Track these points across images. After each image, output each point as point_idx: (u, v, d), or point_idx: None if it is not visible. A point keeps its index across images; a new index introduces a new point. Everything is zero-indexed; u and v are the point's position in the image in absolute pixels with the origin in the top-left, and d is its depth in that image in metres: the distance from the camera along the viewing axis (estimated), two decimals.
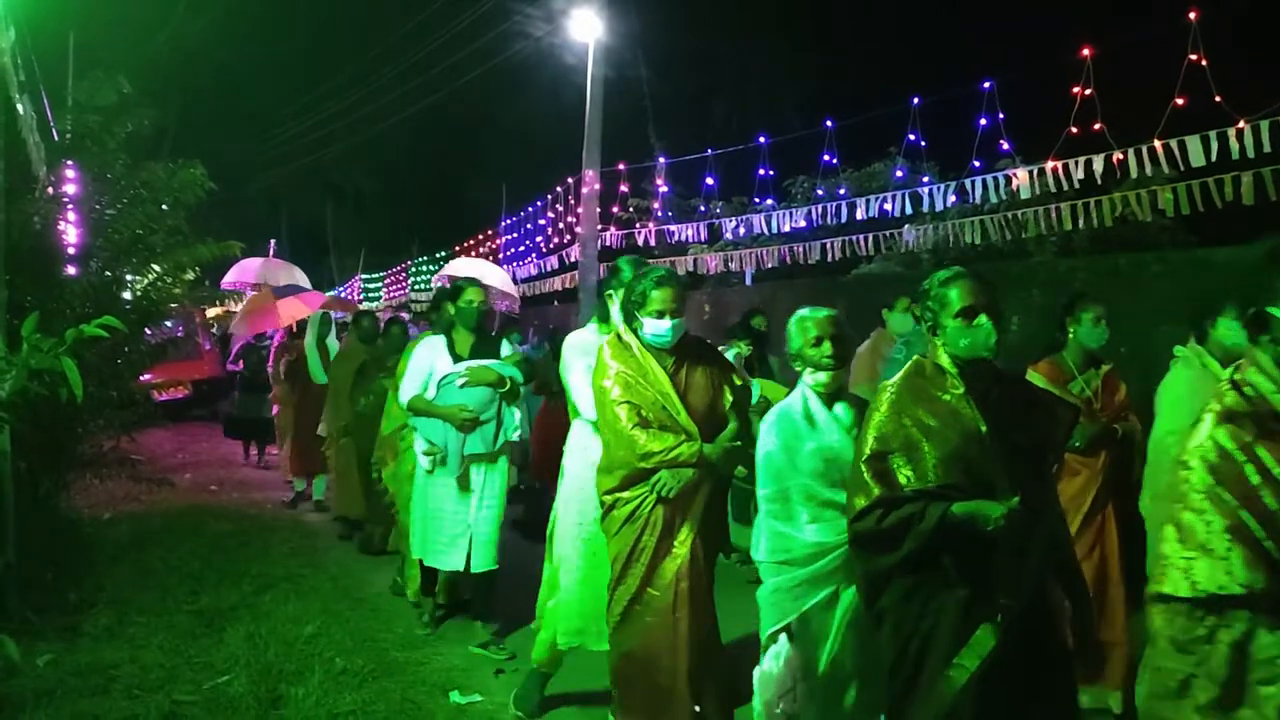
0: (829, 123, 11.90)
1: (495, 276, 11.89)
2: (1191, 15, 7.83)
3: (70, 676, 4.62)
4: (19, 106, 6.25)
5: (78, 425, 6.62)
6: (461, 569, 5.30)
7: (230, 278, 13.58)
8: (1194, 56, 7.81)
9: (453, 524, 5.28)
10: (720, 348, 6.29)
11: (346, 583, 6.58)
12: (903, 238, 11.61)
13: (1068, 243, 11.43)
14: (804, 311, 3.44)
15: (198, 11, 22.88)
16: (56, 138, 7.19)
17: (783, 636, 3.31)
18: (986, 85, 9.68)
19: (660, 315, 3.76)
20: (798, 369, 3.43)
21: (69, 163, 6.77)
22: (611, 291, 4.26)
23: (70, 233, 6.77)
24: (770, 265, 13.46)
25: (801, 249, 12.58)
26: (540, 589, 4.50)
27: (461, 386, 5.17)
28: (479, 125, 28.02)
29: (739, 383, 4.00)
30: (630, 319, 3.85)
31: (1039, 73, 9.37)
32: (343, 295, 26.78)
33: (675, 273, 3.99)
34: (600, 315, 4.39)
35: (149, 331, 7.64)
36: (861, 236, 11.84)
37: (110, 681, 4.59)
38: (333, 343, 9.33)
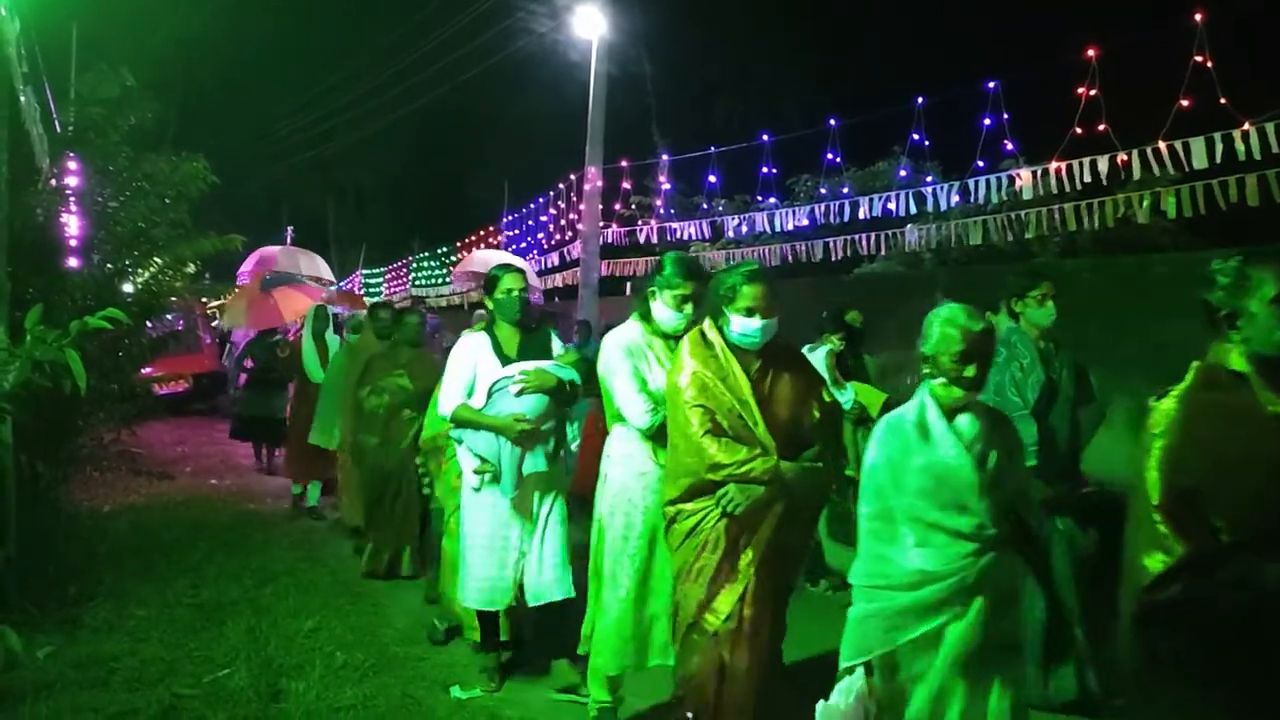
0: (832, 121, 11.90)
1: (520, 267, 11.89)
2: (1197, 17, 7.82)
3: (70, 669, 4.61)
4: (22, 98, 6.25)
5: (79, 418, 6.62)
6: (510, 604, 4.57)
7: (248, 266, 13.51)
8: (1199, 58, 7.80)
9: (503, 553, 4.49)
10: (806, 347, 6.01)
11: (347, 577, 6.57)
12: (905, 237, 11.60)
13: (1071, 244, 11.43)
14: (956, 315, 2.98)
15: (201, 5, 22.86)
16: (59, 130, 7.18)
17: (859, 670, 3.00)
18: (991, 85, 9.69)
19: (750, 313, 3.47)
20: (926, 371, 3.05)
21: (72, 155, 6.77)
22: (654, 288, 3.98)
23: (73, 225, 6.76)
24: (773, 264, 13.44)
25: (804, 248, 12.58)
26: (587, 611, 4.16)
27: (518, 394, 4.39)
28: (481, 121, 27.99)
29: (828, 399, 3.70)
30: (716, 315, 3.56)
31: (1043, 73, 9.37)
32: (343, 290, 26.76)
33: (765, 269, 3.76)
34: (641, 313, 4.06)
35: (150, 325, 7.63)
36: (864, 236, 11.84)
37: (110, 674, 4.58)
38: (331, 338, 8.92)
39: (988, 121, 9.82)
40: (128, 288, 7.31)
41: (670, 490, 3.57)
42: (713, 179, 13.85)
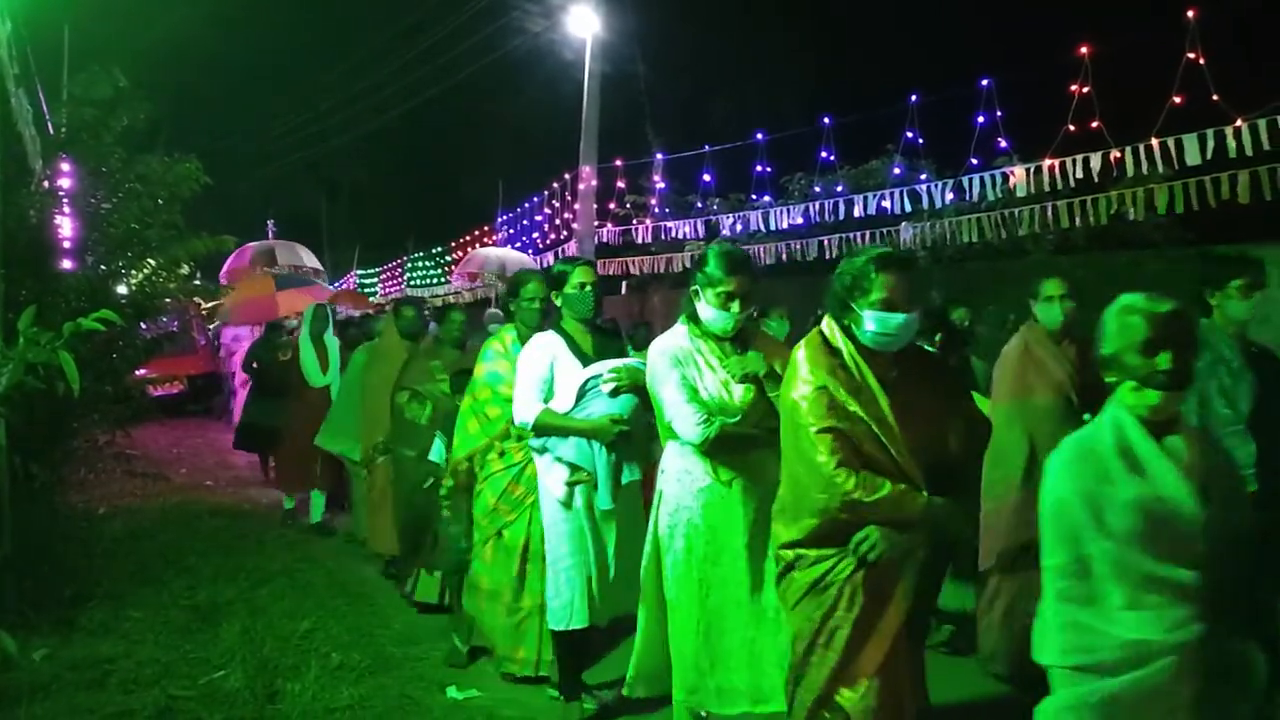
0: (826, 120, 11.91)
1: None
2: (1190, 14, 7.84)
3: (66, 670, 4.61)
4: (14, 100, 6.23)
5: (73, 420, 6.60)
6: (593, 623, 4.23)
7: (229, 265, 13.48)
8: (1192, 55, 7.82)
9: (596, 569, 4.18)
10: None
11: (343, 578, 6.57)
12: (900, 235, 11.61)
13: (1064, 240, 11.45)
14: (1134, 301, 2.47)
15: (194, 5, 22.82)
16: (52, 131, 7.16)
17: None
18: (984, 83, 9.70)
19: (889, 306, 2.89)
20: (1111, 380, 2.50)
21: (64, 156, 6.75)
22: (697, 287, 3.59)
23: (66, 226, 6.74)
24: (767, 262, 13.45)
25: (799, 246, 12.59)
26: (635, 649, 3.80)
27: (611, 394, 4.05)
28: (475, 121, 28.01)
29: (976, 413, 3.14)
30: (842, 312, 2.99)
31: (1036, 71, 9.39)
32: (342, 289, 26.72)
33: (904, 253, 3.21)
34: (688, 314, 3.66)
35: (144, 326, 7.61)
36: (859, 234, 11.85)
37: (106, 676, 4.58)
38: (331, 340, 8.47)
39: (981, 119, 9.84)
40: (121, 289, 7.28)
41: (788, 531, 2.98)
42: (707, 178, 13.85)
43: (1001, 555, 4.51)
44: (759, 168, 13.01)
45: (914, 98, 10.59)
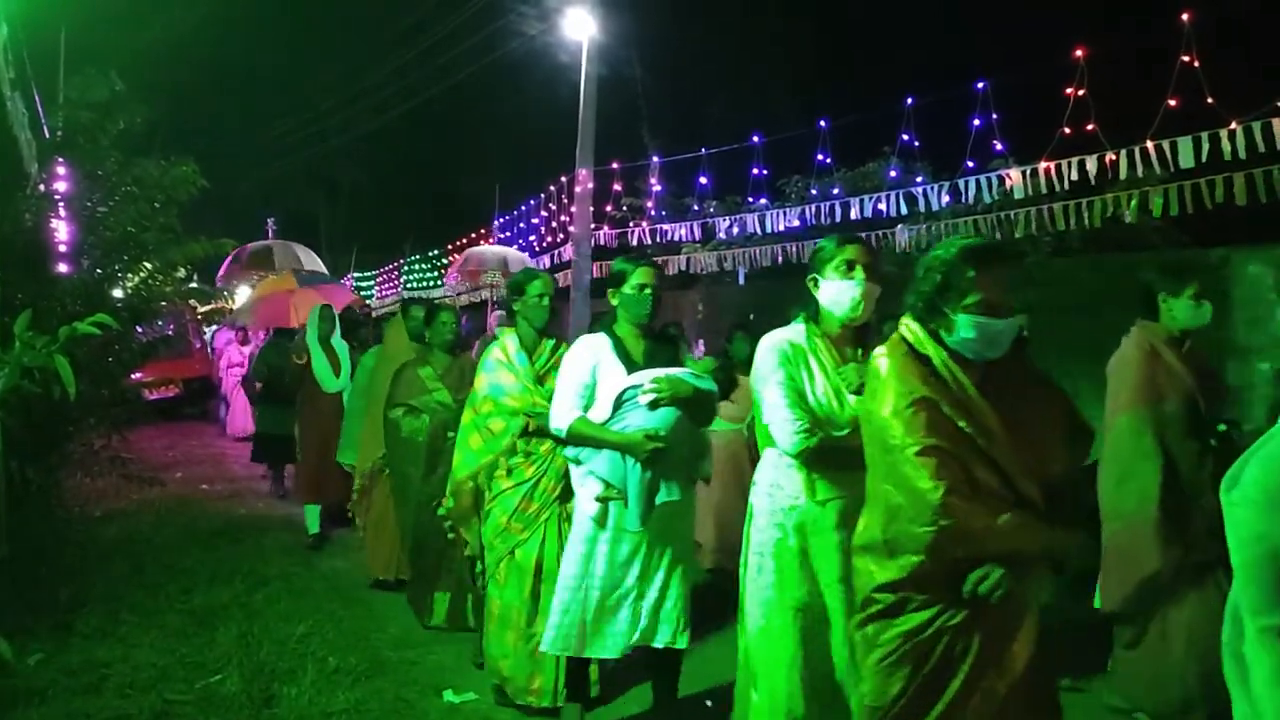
0: (823, 122, 11.91)
1: (527, 266, 11.74)
2: (1185, 16, 7.86)
3: (62, 675, 4.60)
4: (10, 103, 6.23)
5: (68, 424, 6.59)
6: (622, 654, 3.92)
7: (224, 270, 13.41)
8: (1187, 58, 7.83)
9: (617, 593, 3.84)
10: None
11: (339, 581, 6.57)
12: (896, 238, 11.61)
13: (1061, 243, 11.46)
14: None
15: (191, 7, 22.81)
16: (48, 135, 7.15)
17: None
18: (980, 86, 9.71)
19: (990, 310, 2.53)
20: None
21: (60, 160, 6.74)
22: (814, 274, 3.28)
23: (62, 230, 6.74)
24: (764, 265, 13.45)
25: (795, 248, 12.58)
26: (737, 676, 3.46)
27: (650, 406, 3.72)
28: (472, 123, 27.99)
29: (1080, 420, 2.79)
30: (931, 314, 2.63)
31: (1032, 74, 9.40)
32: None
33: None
34: (807, 313, 3.33)
35: (140, 329, 7.61)
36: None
37: (102, 680, 4.58)
38: (339, 343, 7.99)
39: (977, 122, 9.84)
40: (117, 292, 7.27)
41: (883, 570, 2.54)
42: (704, 180, 13.85)
43: (1147, 585, 3.93)
44: (755, 170, 13.00)
45: (910, 100, 10.61)
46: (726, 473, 6.23)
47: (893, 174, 12.04)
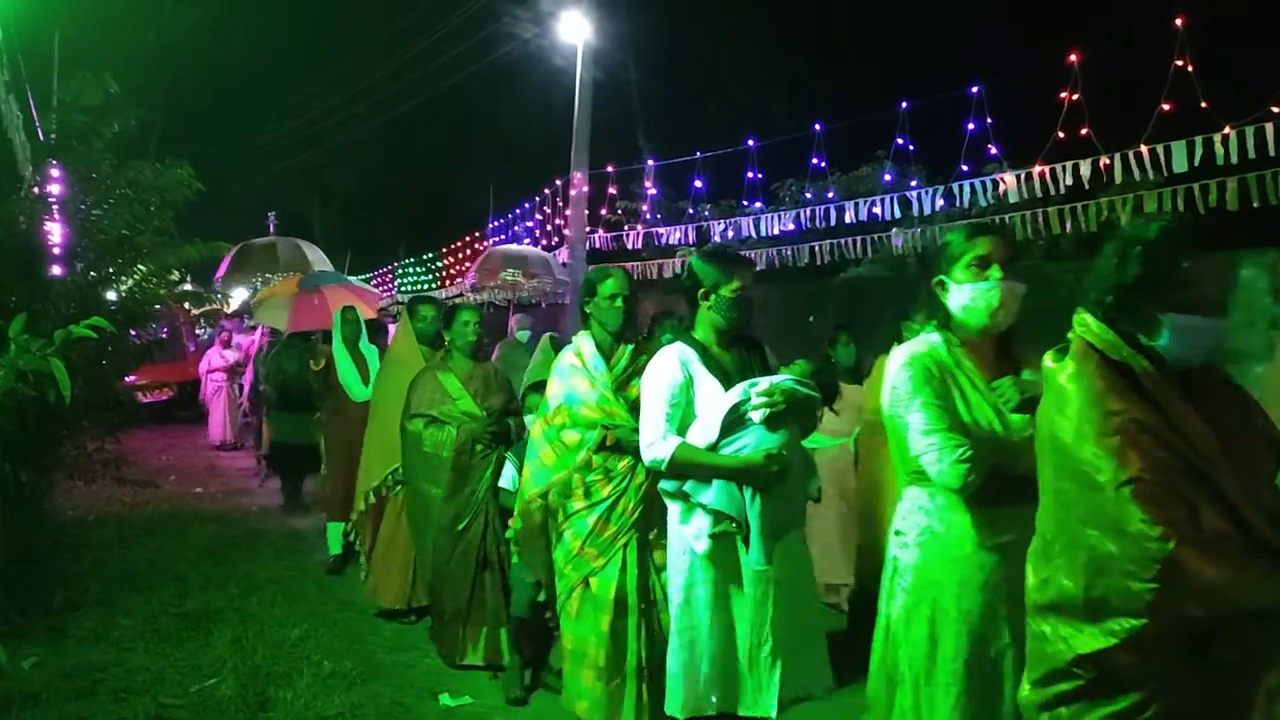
0: (817, 126, 11.93)
1: (548, 264, 11.41)
2: (1178, 21, 7.89)
3: (56, 679, 4.59)
4: (4, 106, 6.23)
5: (63, 427, 6.58)
6: (731, 708, 3.31)
7: (224, 270, 13.19)
8: (1180, 62, 7.86)
9: (739, 641, 3.27)
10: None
11: (334, 585, 6.55)
12: (891, 241, 11.64)
13: (1055, 247, 11.50)
14: None
15: (185, 9, 22.81)
16: (42, 138, 7.15)
17: None
18: (975, 90, 9.74)
19: (1205, 309, 2.10)
20: None
21: (55, 163, 6.74)
22: (941, 276, 2.82)
23: (56, 233, 6.73)
24: (759, 268, 13.48)
25: (790, 252, 12.62)
26: None
27: (765, 424, 3.16)
28: (467, 127, 28.02)
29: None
30: (1125, 313, 2.16)
31: (1027, 78, 9.43)
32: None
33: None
34: (938, 320, 2.85)
35: (134, 333, 7.60)
36: (849, 240, 11.88)
37: (96, 684, 4.57)
38: (368, 348, 7.32)
39: (971, 126, 9.87)
40: (111, 295, 7.27)
41: (1085, 637, 2.02)
42: (698, 184, 13.87)
43: None
44: (750, 174, 13.03)
45: (904, 104, 10.63)
46: (830, 495, 5.52)
47: (887, 178, 12.07)
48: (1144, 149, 8.10)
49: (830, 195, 12.43)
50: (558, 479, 3.90)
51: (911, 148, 11.10)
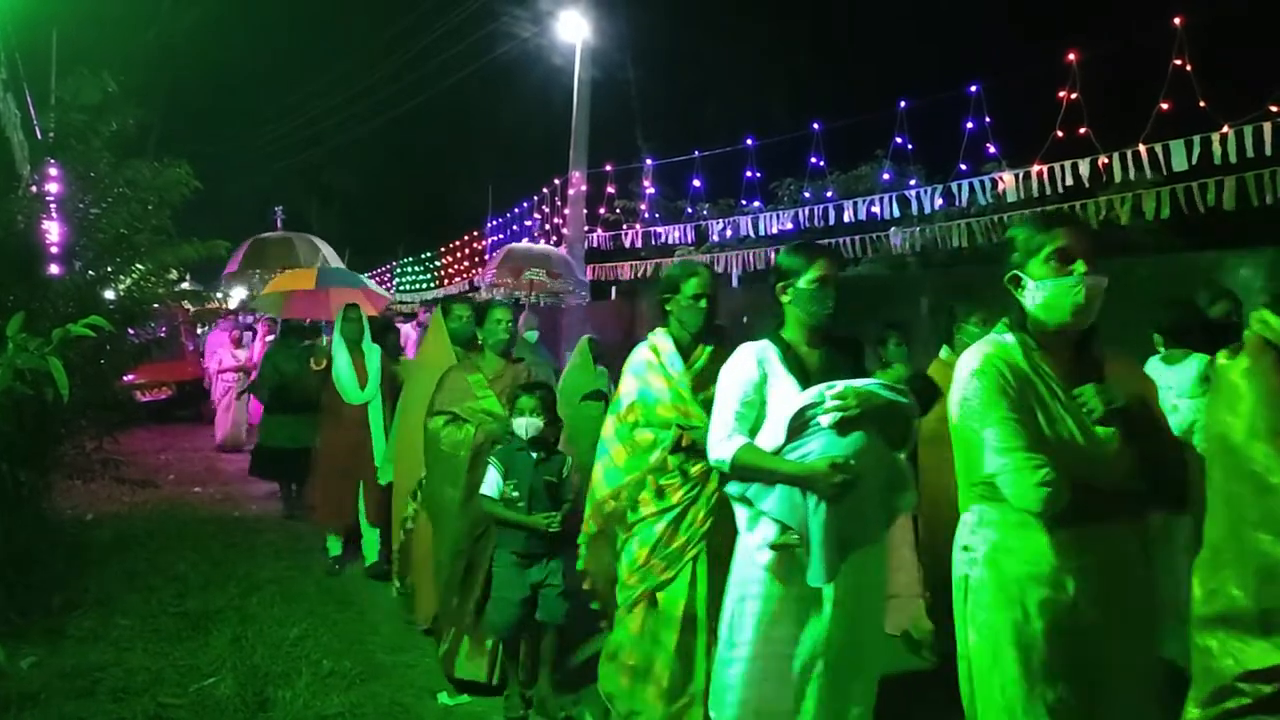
0: (816, 125, 11.95)
1: (570, 264, 11.35)
2: (1177, 21, 7.90)
3: (55, 679, 4.58)
4: (1, 104, 6.22)
5: (61, 426, 6.57)
6: None
7: (234, 264, 12.89)
8: (1179, 62, 7.88)
9: (797, 669, 3.03)
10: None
11: (333, 585, 6.54)
12: (889, 240, 11.65)
13: None
14: None
15: (184, 8, 22.80)
16: (40, 136, 7.14)
17: None
18: (973, 89, 9.75)
19: None
20: None
21: (53, 161, 6.72)
22: (1015, 271, 2.57)
23: (54, 232, 6.72)
24: (757, 268, 13.48)
25: None
26: None
27: (836, 429, 2.90)
28: (465, 126, 28.06)
29: None
30: None
31: (1025, 77, 9.44)
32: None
33: None
34: (1012, 318, 2.60)
35: (132, 332, 7.58)
36: (848, 239, 11.89)
37: (95, 684, 4.55)
38: (370, 347, 7.02)
39: (970, 125, 9.89)
40: (110, 294, 7.25)
41: (1256, 651, 1.95)
42: (697, 183, 13.88)
43: None
44: (749, 173, 13.05)
45: (903, 103, 10.64)
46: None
47: (886, 177, 12.09)
48: (1142, 148, 8.11)
49: (829, 194, 12.45)
50: (631, 479, 3.74)
51: (910, 147, 11.13)
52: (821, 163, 12.46)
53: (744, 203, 13.97)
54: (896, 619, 5.09)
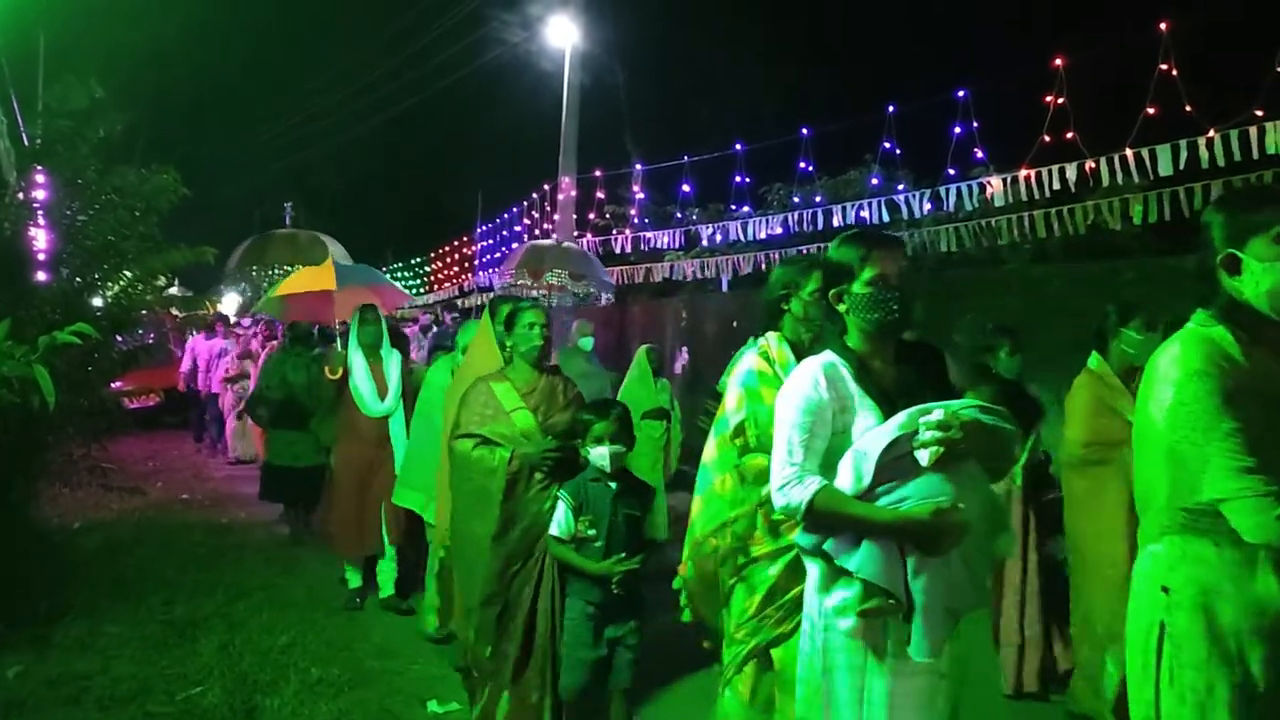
0: (805, 130, 11.97)
1: (592, 263, 11.00)
2: (1163, 25, 7.94)
3: (41, 687, 4.56)
4: None
5: (48, 433, 6.53)
6: None
7: (235, 259, 12.42)
8: (1165, 66, 7.92)
9: None
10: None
11: (321, 591, 6.52)
12: None
13: (1041, 250, 11.55)
14: None
15: (171, 15, 22.74)
16: (27, 143, 7.11)
17: None
18: (961, 94, 9.79)
19: None
20: None
21: (39, 168, 6.70)
22: (1231, 250, 2.18)
23: (41, 239, 6.69)
24: (746, 272, 13.51)
25: (778, 256, 12.64)
26: None
27: (937, 466, 2.33)
28: (455, 131, 28.06)
29: None
30: None
31: (1012, 82, 9.49)
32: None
33: None
34: (1219, 307, 2.22)
35: (120, 338, 7.55)
36: None
37: (82, 692, 4.54)
38: (389, 352, 6.41)
39: (958, 129, 9.93)
40: (97, 301, 7.23)
41: None
42: (686, 188, 13.91)
43: None
44: (738, 178, 13.06)
45: (891, 108, 10.68)
46: None
47: (874, 181, 12.12)
48: (1129, 152, 8.15)
49: (818, 199, 12.48)
50: (739, 514, 3.14)
51: (899, 151, 11.17)
52: (810, 167, 12.49)
53: (734, 207, 14.00)
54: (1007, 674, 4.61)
